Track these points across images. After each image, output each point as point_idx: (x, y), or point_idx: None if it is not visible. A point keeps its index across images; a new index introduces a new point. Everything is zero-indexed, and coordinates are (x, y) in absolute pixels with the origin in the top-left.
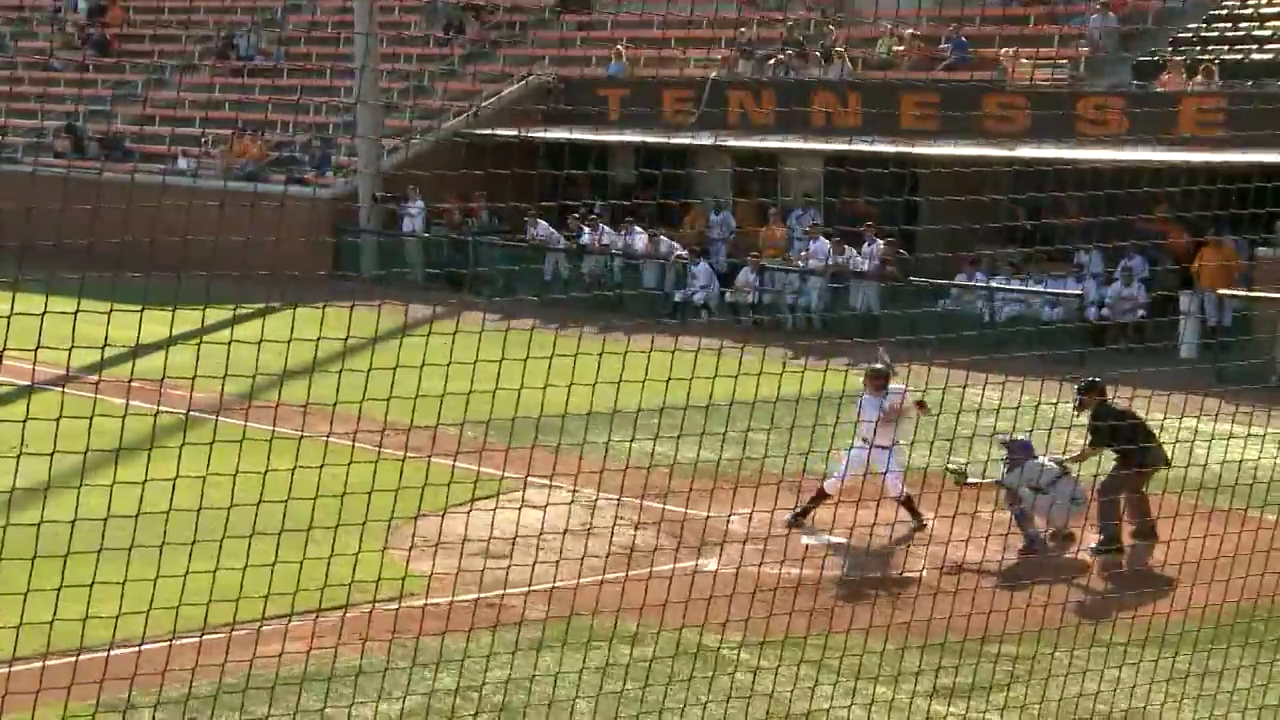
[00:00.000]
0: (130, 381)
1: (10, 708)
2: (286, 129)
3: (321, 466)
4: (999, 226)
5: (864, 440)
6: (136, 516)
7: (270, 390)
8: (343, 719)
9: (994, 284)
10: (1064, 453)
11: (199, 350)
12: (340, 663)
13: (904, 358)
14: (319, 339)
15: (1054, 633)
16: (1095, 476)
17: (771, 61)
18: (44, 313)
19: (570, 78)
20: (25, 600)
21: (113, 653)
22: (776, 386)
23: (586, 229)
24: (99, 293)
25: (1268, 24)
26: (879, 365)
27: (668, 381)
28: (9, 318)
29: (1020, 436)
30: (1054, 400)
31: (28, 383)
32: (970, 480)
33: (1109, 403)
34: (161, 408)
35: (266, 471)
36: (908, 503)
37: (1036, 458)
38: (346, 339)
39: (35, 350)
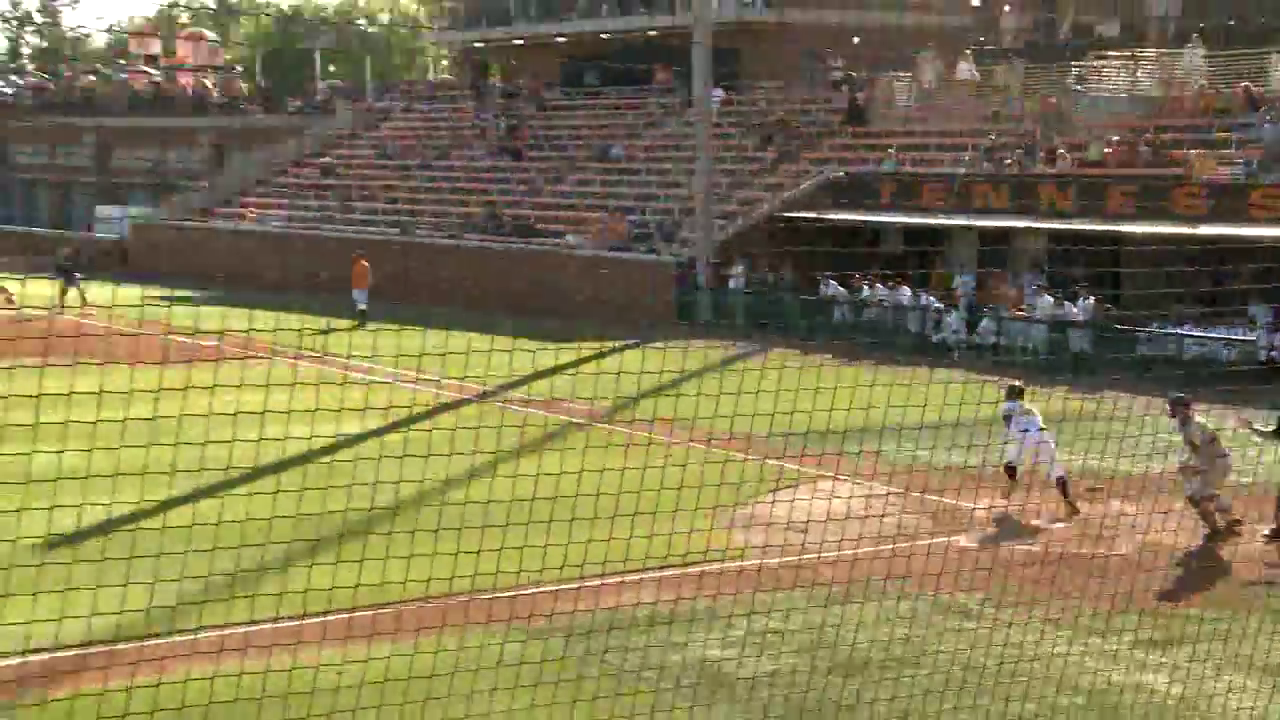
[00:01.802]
0: (529, 398)
1: (436, 626)
2: (644, 212)
3: (665, 465)
4: (1186, 290)
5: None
6: (532, 500)
7: (632, 406)
8: (693, 647)
9: (1181, 331)
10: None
11: (577, 375)
12: (683, 607)
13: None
14: (669, 371)
15: (1242, 602)
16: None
17: (1008, 161)
18: (468, 351)
19: (854, 173)
20: (455, 558)
21: (521, 593)
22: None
23: (865, 286)
24: (505, 330)
25: None
26: (1017, 383)
27: (941, 406)
28: (445, 354)
29: (1183, 394)
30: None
31: (460, 397)
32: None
33: (1193, 418)
34: (553, 417)
35: (624, 468)
36: (1062, 487)
37: (1196, 418)
38: (684, 370)
39: (462, 377)
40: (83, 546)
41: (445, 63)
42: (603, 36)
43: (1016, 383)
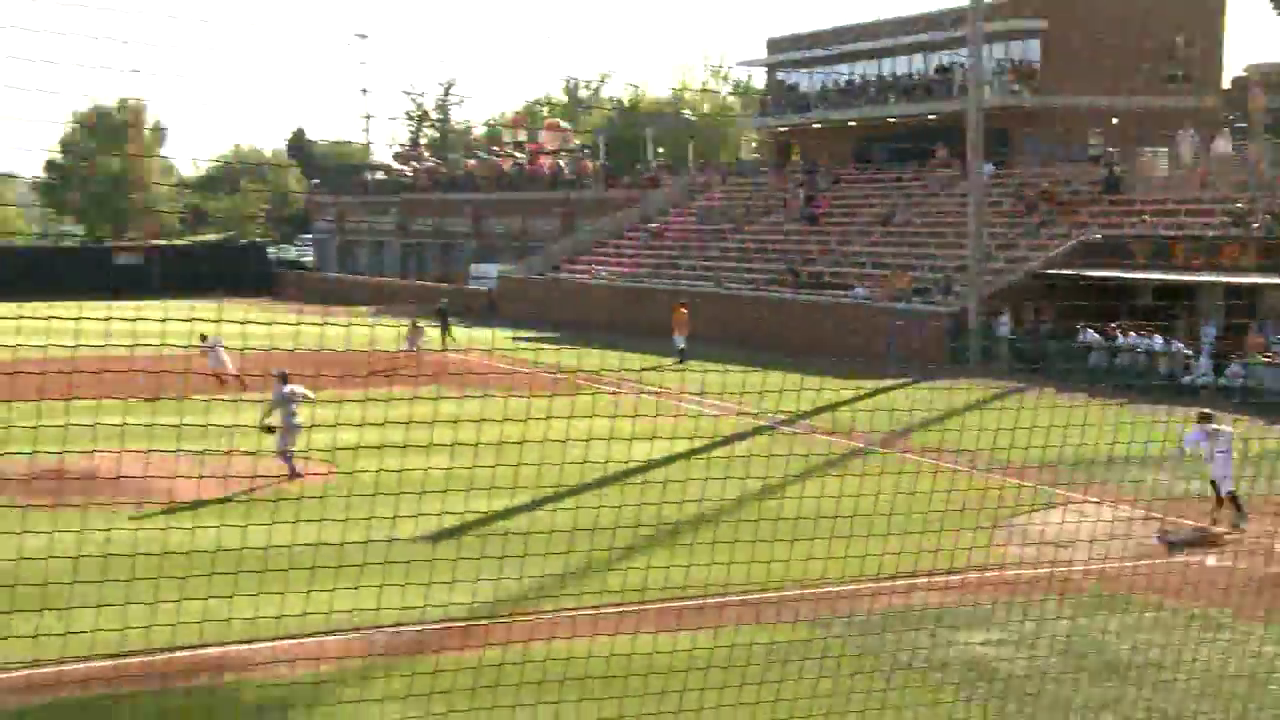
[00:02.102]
0: (832, 429)
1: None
2: (923, 269)
3: (951, 488)
4: None
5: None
6: (834, 518)
7: (912, 435)
8: (964, 644)
9: None
10: None
11: (873, 411)
12: (956, 609)
13: None
14: (947, 407)
15: None
16: None
17: (1254, 225)
18: (781, 389)
19: (1110, 236)
20: (769, 564)
21: (818, 592)
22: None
23: (1120, 334)
24: (802, 369)
25: None
26: (1205, 410)
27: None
28: (762, 391)
29: None
30: None
31: (764, 424)
32: None
33: None
34: (844, 443)
35: (913, 492)
36: (1234, 500)
37: None
38: (969, 403)
39: (776, 411)
40: (462, 540)
41: (754, 144)
42: (889, 120)
43: (1205, 410)
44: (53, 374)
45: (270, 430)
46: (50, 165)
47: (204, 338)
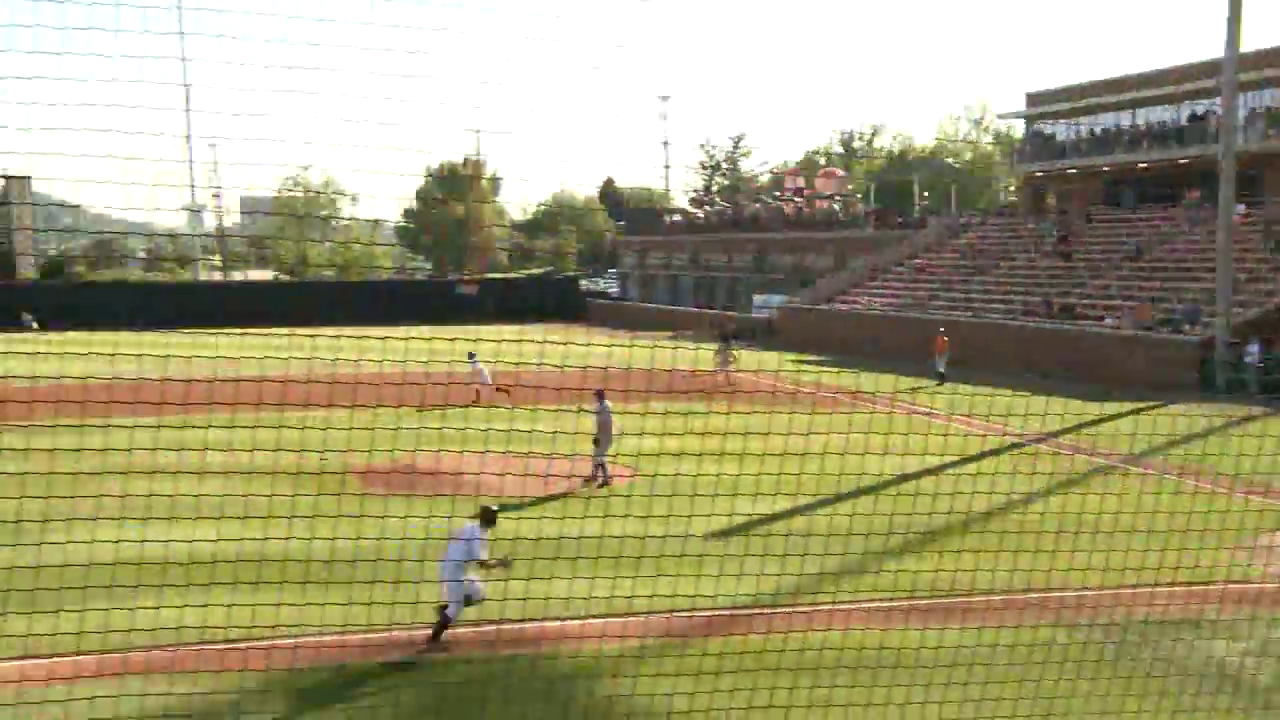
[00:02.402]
0: (1095, 448)
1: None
2: (1173, 300)
3: (1210, 508)
4: None
5: None
6: (1101, 531)
7: (1160, 454)
8: (1209, 650)
9: None
10: None
11: (1127, 426)
12: (1203, 617)
13: None
14: (1200, 431)
15: None
16: None
17: None
18: (1046, 412)
19: None
20: (1031, 570)
21: (1067, 594)
22: None
23: None
24: (1054, 392)
25: None
26: None
27: None
28: (1027, 414)
29: None
30: None
31: (1018, 440)
32: None
33: None
34: (1094, 459)
35: (1178, 512)
36: None
37: None
38: (1238, 429)
39: (1057, 433)
40: (747, 538)
41: (1011, 188)
42: (1141, 165)
43: None
44: (407, 385)
45: (598, 443)
46: (407, 212)
47: (471, 356)
